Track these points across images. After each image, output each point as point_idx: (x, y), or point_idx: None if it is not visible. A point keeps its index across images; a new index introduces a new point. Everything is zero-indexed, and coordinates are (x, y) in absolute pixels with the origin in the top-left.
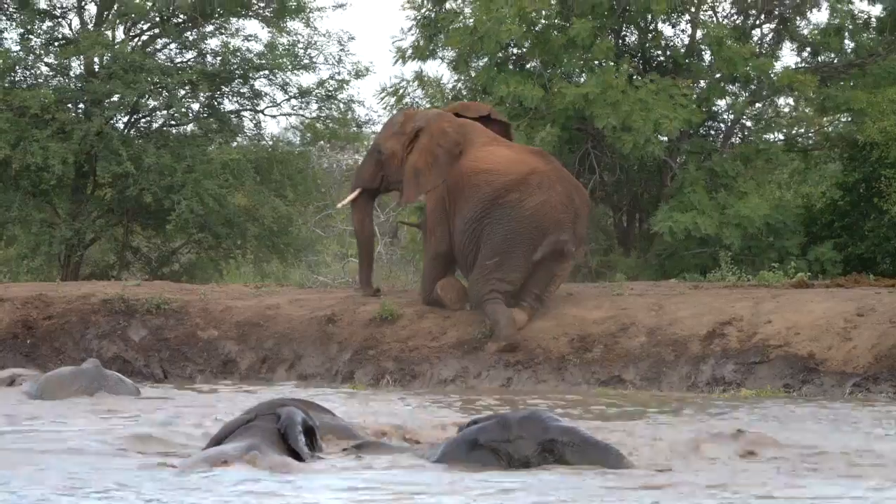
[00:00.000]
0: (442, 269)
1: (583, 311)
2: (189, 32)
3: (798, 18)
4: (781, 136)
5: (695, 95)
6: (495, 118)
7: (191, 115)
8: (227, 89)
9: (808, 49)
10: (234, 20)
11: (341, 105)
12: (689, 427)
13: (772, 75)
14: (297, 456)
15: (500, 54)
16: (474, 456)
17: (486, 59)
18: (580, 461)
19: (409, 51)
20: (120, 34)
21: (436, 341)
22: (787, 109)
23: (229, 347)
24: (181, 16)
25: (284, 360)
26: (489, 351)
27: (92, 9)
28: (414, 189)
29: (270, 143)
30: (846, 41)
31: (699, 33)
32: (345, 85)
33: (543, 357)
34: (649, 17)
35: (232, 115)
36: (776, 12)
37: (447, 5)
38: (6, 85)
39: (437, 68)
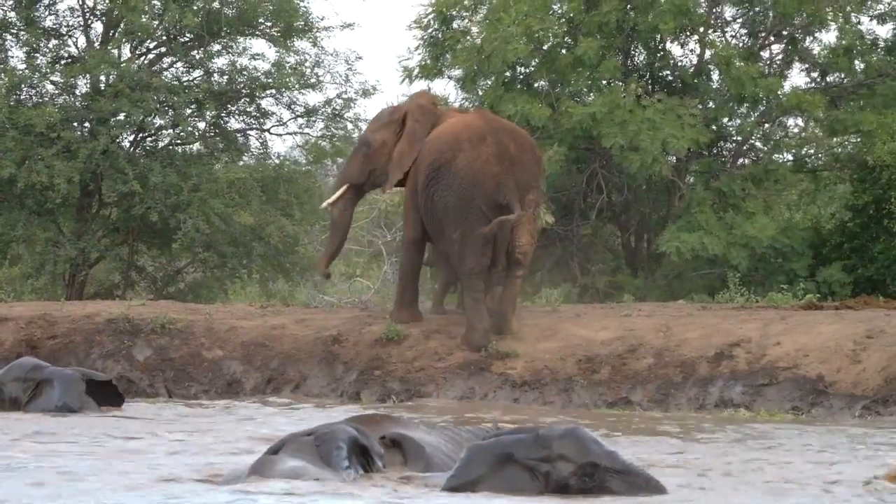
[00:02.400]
0: (417, 260)
1: (590, 331)
2: (196, 51)
3: (807, 39)
4: (790, 157)
5: (702, 116)
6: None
7: (197, 133)
8: (233, 108)
9: (817, 69)
10: (240, 39)
11: (348, 124)
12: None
13: (780, 96)
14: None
15: (507, 73)
16: (506, 473)
17: (493, 79)
18: (620, 489)
19: (416, 70)
20: (126, 52)
21: (442, 362)
22: (795, 130)
23: (234, 367)
24: (188, 34)
25: (290, 380)
26: (459, 343)
27: (98, 27)
28: (398, 170)
29: (277, 162)
30: (855, 62)
31: (707, 53)
32: (352, 104)
33: (550, 378)
34: (657, 36)
35: (238, 134)
36: (785, 33)
37: (454, 25)
38: (11, 103)
39: (445, 87)
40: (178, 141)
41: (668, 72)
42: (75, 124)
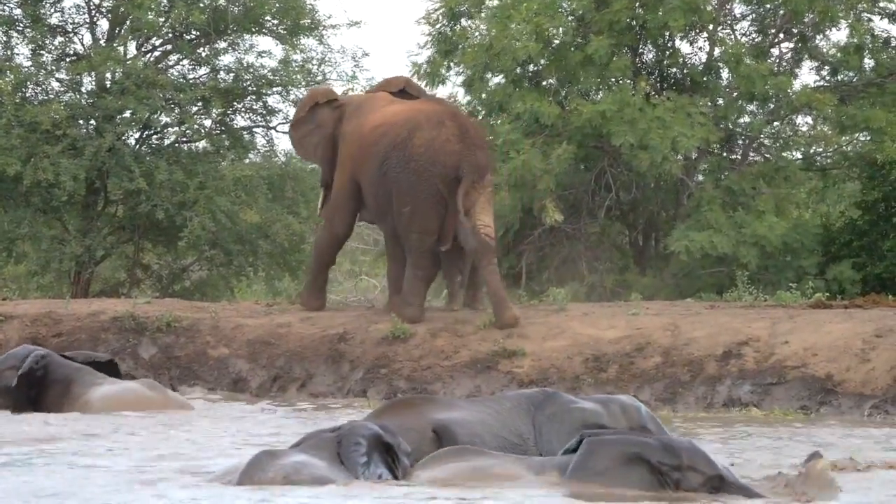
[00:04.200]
0: (331, 256)
1: (598, 330)
2: (202, 48)
3: (817, 37)
4: (800, 155)
5: (711, 115)
6: (410, 91)
7: (203, 131)
8: (239, 105)
9: (827, 67)
10: (247, 36)
11: None
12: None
13: (790, 94)
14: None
15: (516, 71)
16: (633, 472)
17: (501, 76)
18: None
19: (425, 66)
20: (132, 50)
21: (448, 360)
22: (805, 128)
23: (240, 366)
24: (194, 32)
25: (296, 378)
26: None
27: (104, 24)
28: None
29: (283, 159)
30: (865, 60)
31: (717, 51)
32: None
33: (557, 377)
34: (667, 34)
35: (244, 132)
36: (795, 30)
37: (462, 21)
38: (17, 101)
39: (453, 84)
40: (185, 138)
41: (678, 70)
42: (81, 122)
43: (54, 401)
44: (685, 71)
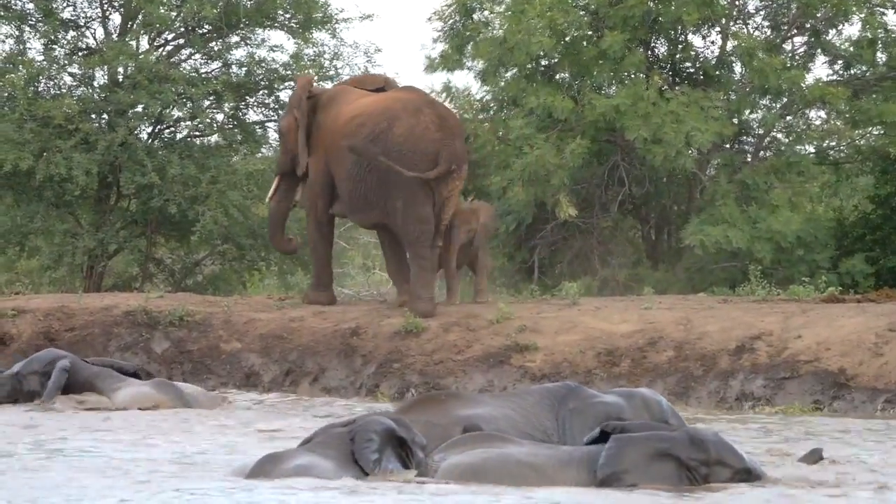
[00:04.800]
0: (327, 246)
1: (610, 324)
2: (214, 43)
3: (830, 31)
4: (813, 149)
5: (725, 109)
6: (389, 90)
7: (215, 125)
8: (251, 100)
9: (840, 61)
10: (259, 30)
11: None
12: None
13: (803, 88)
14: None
15: (529, 65)
16: (662, 468)
17: (514, 71)
18: None
19: (437, 60)
20: (144, 44)
21: (461, 354)
22: (818, 122)
23: (252, 360)
24: (206, 26)
25: (308, 373)
26: (397, 305)
27: (116, 19)
28: (302, 152)
29: None
30: (878, 54)
31: (730, 45)
32: None
33: (570, 371)
34: (679, 28)
35: (257, 126)
36: (808, 25)
37: (475, 16)
38: (30, 95)
39: (466, 78)
40: (197, 133)
41: (690, 64)
42: (94, 116)
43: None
44: (698, 65)
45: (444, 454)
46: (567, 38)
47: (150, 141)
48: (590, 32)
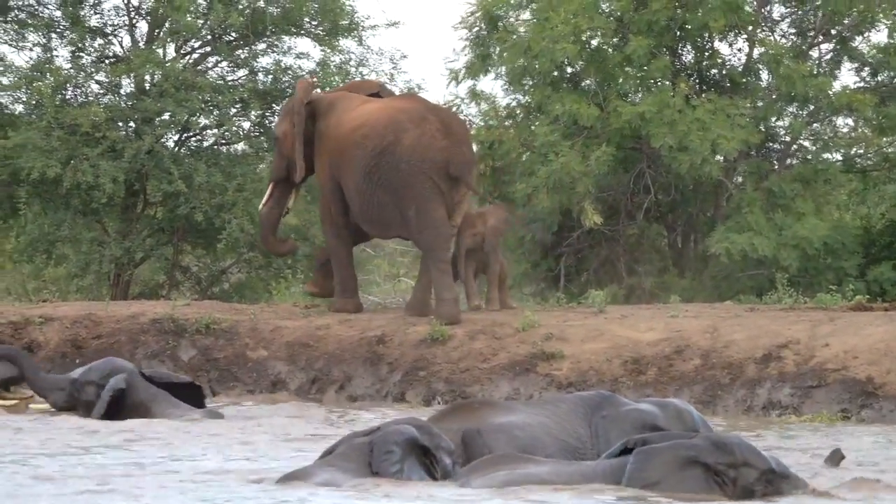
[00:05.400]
0: (348, 252)
1: (636, 332)
2: (241, 50)
3: (857, 38)
4: (840, 157)
5: (751, 117)
6: (384, 97)
7: (242, 133)
8: (278, 107)
9: (867, 68)
10: (285, 38)
11: None
12: None
13: (830, 95)
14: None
15: (554, 73)
16: (690, 475)
17: (539, 78)
18: (788, 492)
19: (462, 72)
20: (171, 52)
21: (487, 362)
22: (845, 129)
23: (279, 368)
24: (233, 33)
25: (334, 380)
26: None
27: (143, 26)
28: (298, 158)
29: None
30: None
31: (756, 52)
32: None
33: (596, 379)
34: (706, 35)
35: None
36: (834, 32)
37: (500, 24)
38: (57, 103)
39: (491, 85)
40: (223, 141)
41: (717, 71)
42: (120, 124)
43: None
44: (725, 72)
45: (466, 478)
46: (592, 45)
47: (176, 149)
48: (615, 40)
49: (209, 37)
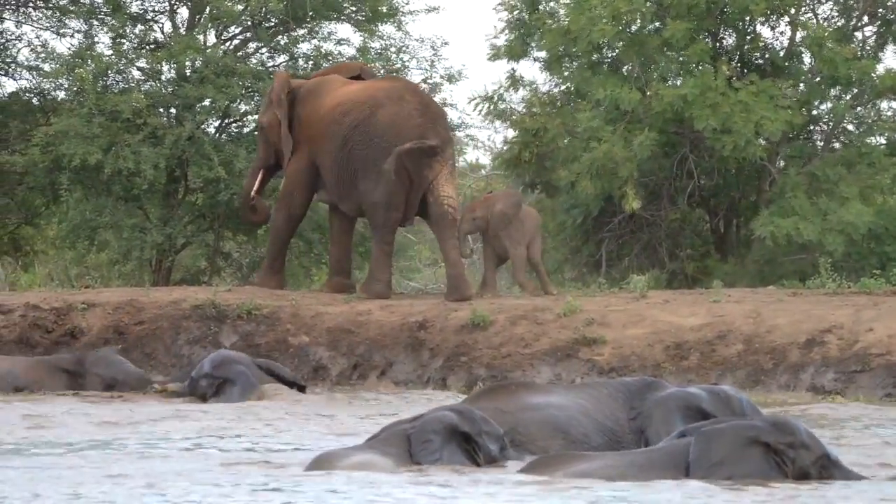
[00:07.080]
0: (289, 236)
1: (678, 317)
2: (281, 36)
3: None
4: (884, 140)
5: (795, 98)
6: (365, 77)
7: None
8: None
9: None
10: (325, 24)
11: None
12: None
13: (874, 78)
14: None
15: (594, 56)
16: (752, 455)
17: (579, 61)
18: (838, 479)
19: (503, 49)
20: (211, 38)
21: (528, 348)
22: (889, 113)
23: (320, 353)
24: (273, 19)
25: (376, 366)
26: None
27: (184, 12)
28: (286, 145)
29: None
30: None
31: (799, 35)
32: (437, 89)
33: (638, 364)
34: (747, 18)
35: None
36: (878, 13)
37: (540, 7)
38: (99, 89)
39: (531, 69)
40: None
41: (758, 54)
42: (161, 110)
43: None
44: (766, 56)
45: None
46: (631, 28)
47: (217, 135)
48: (657, 24)
49: (249, 23)
